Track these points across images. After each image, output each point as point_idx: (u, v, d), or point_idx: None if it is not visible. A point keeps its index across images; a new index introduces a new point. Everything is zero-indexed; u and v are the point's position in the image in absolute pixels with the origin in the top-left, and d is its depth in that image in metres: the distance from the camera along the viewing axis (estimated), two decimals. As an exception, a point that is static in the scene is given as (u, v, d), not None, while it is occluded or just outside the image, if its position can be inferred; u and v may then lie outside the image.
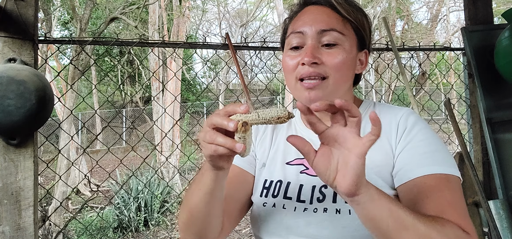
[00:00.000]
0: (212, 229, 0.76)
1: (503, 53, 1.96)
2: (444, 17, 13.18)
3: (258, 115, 0.57)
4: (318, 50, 0.76)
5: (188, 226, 0.76)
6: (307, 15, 0.79)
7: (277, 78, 5.21)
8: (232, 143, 0.56)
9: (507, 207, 1.92)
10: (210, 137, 0.58)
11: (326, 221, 0.72)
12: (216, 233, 0.77)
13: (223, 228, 0.79)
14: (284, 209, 0.76)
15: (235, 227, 4.06)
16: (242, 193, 0.85)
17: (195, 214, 0.73)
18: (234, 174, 0.85)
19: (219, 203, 0.73)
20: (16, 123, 1.17)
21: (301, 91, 0.77)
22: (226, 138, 0.56)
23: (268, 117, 0.57)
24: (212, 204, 0.71)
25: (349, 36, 0.78)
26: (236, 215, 0.84)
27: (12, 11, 1.26)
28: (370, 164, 0.74)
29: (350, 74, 0.80)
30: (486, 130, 2.05)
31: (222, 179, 0.68)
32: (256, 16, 14.02)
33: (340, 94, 0.79)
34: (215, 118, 0.58)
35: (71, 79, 4.25)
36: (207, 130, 0.59)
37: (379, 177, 0.73)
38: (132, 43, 1.83)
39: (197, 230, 0.75)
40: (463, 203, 0.67)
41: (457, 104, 3.75)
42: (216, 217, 0.74)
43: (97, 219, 5.46)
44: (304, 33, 0.77)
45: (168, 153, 6.93)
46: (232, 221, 0.83)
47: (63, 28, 13.11)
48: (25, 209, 1.25)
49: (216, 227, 0.76)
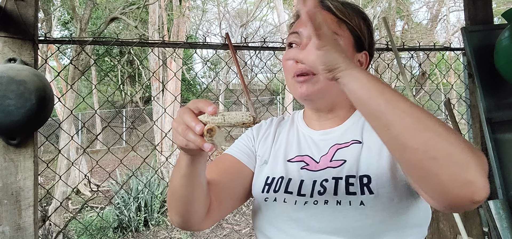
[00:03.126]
0: (195, 211, 0.77)
1: (503, 53, 1.96)
2: (444, 17, 13.18)
3: (224, 119, 0.60)
4: None
5: (171, 207, 0.78)
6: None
7: (277, 78, 5.22)
8: (201, 142, 0.59)
9: (507, 207, 1.92)
10: (182, 131, 0.61)
11: (327, 213, 0.73)
12: (200, 216, 0.78)
13: (210, 213, 0.80)
14: (285, 203, 0.78)
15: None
16: (236, 183, 0.87)
17: (175, 195, 0.75)
18: (230, 163, 0.88)
19: (199, 187, 0.73)
20: (16, 123, 1.17)
21: (295, 87, 0.81)
22: (195, 136, 0.60)
23: (233, 121, 0.60)
24: (191, 187, 0.72)
25: (344, 37, 0.81)
26: (227, 203, 0.85)
27: (12, 11, 1.26)
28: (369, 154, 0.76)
29: None
30: (486, 130, 2.05)
31: (197, 164, 0.69)
32: (256, 16, 14.02)
33: (333, 92, 0.81)
34: (186, 116, 0.61)
35: (71, 79, 4.25)
36: (180, 122, 0.62)
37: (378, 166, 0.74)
38: (132, 43, 1.84)
39: (179, 211, 0.76)
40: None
41: (457, 104, 3.75)
42: (197, 200, 0.75)
43: (97, 219, 5.46)
44: (299, 33, 0.81)
45: (168, 153, 6.93)
46: (222, 209, 0.84)
47: (63, 28, 13.11)
48: (25, 209, 1.25)
49: (199, 210, 0.77)
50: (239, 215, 5.84)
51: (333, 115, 0.85)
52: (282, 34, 10.61)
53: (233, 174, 0.87)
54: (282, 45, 2.45)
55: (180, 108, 0.64)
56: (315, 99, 0.82)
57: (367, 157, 0.76)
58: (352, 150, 0.79)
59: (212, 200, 0.80)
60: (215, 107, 0.60)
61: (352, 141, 0.80)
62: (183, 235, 5.27)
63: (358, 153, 0.77)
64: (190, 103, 0.64)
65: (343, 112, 0.86)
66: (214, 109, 0.60)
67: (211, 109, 0.60)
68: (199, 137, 0.59)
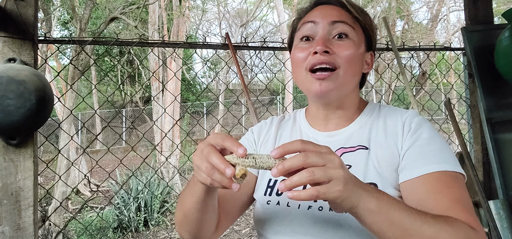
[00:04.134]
0: (206, 230, 0.78)
1: (503, 53, 1.96)
2: (444, 17, 13.18)
3: (255, 163, 0.58)
4: (330, 41, 0.78)
5: (182, 225, 0.78)
6: (319, 10, 0.82)
7: (277, 78, 5.22)
8: (229, 183, 0.57)
9: (507, 207, 1.92)
10: (207, 170, 0.58)
11: (332, 220, 0.72)
12: (210, 232, 0.80)
13: (219, 225, 0.82)
14: (289, 207, 0.77)
15: (235, 227, 4.06)
16: (241, 192, 0.86)
17: (188, 217, 0.75)
18: None
19: (211, 209, 0.75)
20: (16, 123, 1.17)
21: (312, 82, 0.77)
22: (222, 177, 0.57)
23: (265, 166, 0.58)
24: (204, 210, 0.73)
25: (358, 33, 0.80)
26: (234, 213, 0.86)
27: (12, 11, 1.26)
28: (376, 164, 0.75)
29: (359, 70, 0.81)
30: (486, 129, 2.05)
31: (213, 191, 0.70)
32: (256, 16, 14.01)
33: (348, 89, 0.80)
34: (213, 157, 0.58)
35: (71, 79, 4.24)
36: (204, 160, 0.59)
37: (383, 177, 0.73)
38: (132, 43, 1.83)
39: (190, 230, 0.77)
40: (469, 200, 0.68)
41: (457, 104, 3.75)
42: (209, 220, 0.77)
43: (97, 219, 5.45)
44: (315, 23, 0.79)
45: (168, 153, 6.93)
46: (229, 218, 0.85)
47: (63, 28, 13.12)
48: (25, 209, 1.25)
49: (210, 227, 0.79)
50: (239, 215, 5.83)
51: (341, 113, 0.83)
52: (282, 34, 10.60)
53: None
54: (282, 45, 2.45)
55: (200, 143, 0.62)
56: (331, 96, 0.79)
57: (374, 165, 0.75)
58: (358, 155, 0.77)
59: (220, 213, 0.81)
60: (245, 149, 0.57)
61: (358, 146, 0.78)
62: (183, 235, 5.27)
63: (365, 159, 0.76)
64: (212, 138, 0.60)
65: (350, 113, 0.84)
66: (244, 152, 0.57)
67: (242, 152, 0.57)
68: (227, 179, 0.57)
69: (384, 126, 0.80)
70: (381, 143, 0.77)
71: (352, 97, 0.84)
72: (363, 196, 0.56)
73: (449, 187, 0.67)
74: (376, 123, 0.81)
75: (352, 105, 0.84)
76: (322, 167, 0.53)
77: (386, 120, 0.81)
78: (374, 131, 0.80)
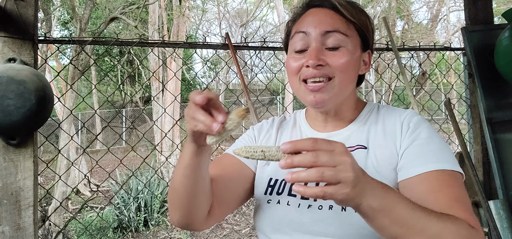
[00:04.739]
0: (197, 209, 0.76)
1: (503, 53, 1.96)
2: (444, 17, 13.18)
3: (264, 155, 0.59)
4: (322, 52, 0.76)
5: (172, 201, 0.77)
6: (311, 16, 0.80)
7: (277, 78, 5.22)
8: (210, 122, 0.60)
9: (507, 207, 1.92)
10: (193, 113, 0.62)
11: (332, 218, 0.72)
12: (201, 214, 0.77)
13: (212, 212, 0.80)
14: (289, 206, 0.77)
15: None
16: (236, 183, 0.86)
17: (177, 189, 0.74)
18: (230, 162, 0.87)
19: (201, 181, 0.73)
20: (16, 123, 1.17)
21: (306, 93, 0.77)
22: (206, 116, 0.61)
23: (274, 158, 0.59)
24: (193, 179, 0.71)
25: (352, 38, 0.78)
26: (227, 203, 0.84)
27: (12, 11, 1.26)
28: (375, 163, 0.75)
29: (354, 75, 0.81)
30: (486, 129, 2.05)
31: (201, 155, 0.69)
32: (256, 16, 14.01)
33: (345, 96, 0.80)
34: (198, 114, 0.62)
35: (71, 79, 4.24)
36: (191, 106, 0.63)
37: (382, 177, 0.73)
38: (132, 43, 1.83)
39: (180, 205, 0.75)
40: (468, 199, 0.69)
41: (457, 104, 3.75)
42: (199, 195, 0.74)
43: (97, 219, 5.46)
44: (308, 34, 0.77)
45: (168, 153, 6.93)
46: (223, 208, 0.83)
47: (63, 28, 13.11)
48: (25, 209, 1.25)
49: (201, 207, 0.76)
50: (239, 215, 5.83)
51: (340, 115, 0.84)
52: (282, 34, 10.57)
53: (233, 174, 0.86)
54: (282, 45, 2.45)
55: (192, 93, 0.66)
56: (327, 105, 0.79)
57: (373, 164, 0.75)
58: (357, 154, 0.77)
59: (213, 199, 0.80)
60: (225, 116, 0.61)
61: (357, 146, 0.79)
62: (183, 235, 5.27)
63: (364, 158, 0.76)
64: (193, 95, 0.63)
65: (348, 114, 0.84)
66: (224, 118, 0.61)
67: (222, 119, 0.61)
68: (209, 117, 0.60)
69: (383, 125, 0.80)
70: (380, 143, 0.77)
71: (350, 100, 0.84)
72: (368, 195, 0.56)
73: (448, 186, 0.68)
74: (374, 123, 0.82)
75: (350, 106, 0.85)
76: (333, 167, 0.53)
77: (385, 119, 0.81)
78: (373, 131, 0.80)
